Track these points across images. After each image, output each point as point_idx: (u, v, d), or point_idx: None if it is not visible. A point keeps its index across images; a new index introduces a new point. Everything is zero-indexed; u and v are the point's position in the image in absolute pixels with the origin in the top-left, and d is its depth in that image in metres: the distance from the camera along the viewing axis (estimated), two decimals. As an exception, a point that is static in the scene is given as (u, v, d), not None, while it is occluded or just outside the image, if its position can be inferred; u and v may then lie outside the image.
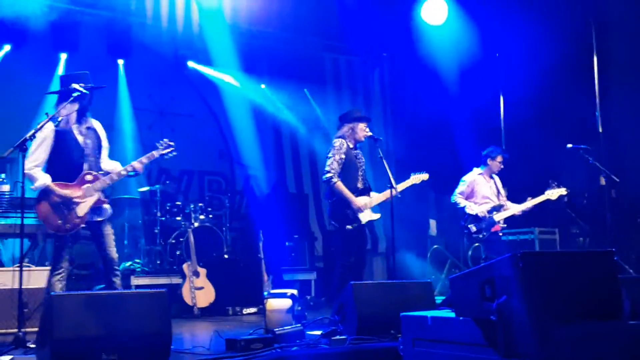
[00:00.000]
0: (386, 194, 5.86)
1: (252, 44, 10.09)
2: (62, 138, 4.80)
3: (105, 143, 5.07)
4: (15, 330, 4.40)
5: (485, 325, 3.50)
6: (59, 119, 4.74)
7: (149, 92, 9.72)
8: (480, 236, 6.82)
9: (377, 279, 9.33)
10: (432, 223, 10.18)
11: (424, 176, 6.17)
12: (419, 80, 9.79)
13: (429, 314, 4.05)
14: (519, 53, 8.81)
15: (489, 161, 7.07)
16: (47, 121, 4.62)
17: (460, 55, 9.16)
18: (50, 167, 4.78)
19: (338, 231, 5.77)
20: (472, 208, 6.91)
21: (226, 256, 8.33)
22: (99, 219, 4.89)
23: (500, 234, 6.97)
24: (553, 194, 6.88)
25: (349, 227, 5.69)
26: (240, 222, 10.01)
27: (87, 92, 4.80)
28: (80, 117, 4.88)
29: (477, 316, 3.60)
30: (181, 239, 7.90)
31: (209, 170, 10.29)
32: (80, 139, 4.86)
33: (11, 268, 5.69)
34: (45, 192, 4.75)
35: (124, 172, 4.96)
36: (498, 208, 6.94)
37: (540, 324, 3.36)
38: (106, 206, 4.95)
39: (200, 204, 8.35)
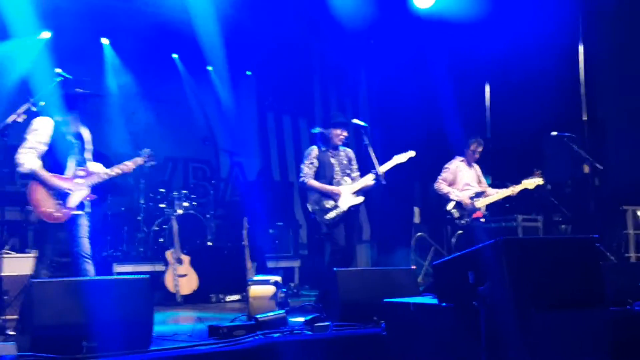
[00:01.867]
0: (368, 178, 5.92)
1: (239, 30, 10.02)
2: (58, 137, 4.89)
3: (89, 146, 5.18)
4: (-5, 317, 4.36)
5: (468, 311, 3.51)
6: (68, 125, 4.86)
7: (133, 78, 9.62)
8: (463, 222, 6.90)
9: (361, 267, 9.36)
10: (416, 211, 10.20)
11: (411, 153, 6.17)
12: (405, 67, 9.77)
13: (412, 300, 4.06)
14: (505, 40, 8.81)
15: (465, 150, 7.20)
16: (27, 107, 4.60)
17: (446, 42, 9.15)
18: (43, 160, 4.87)
19: (321, 223, 5.87)
20: (455, 194, 6.97)
21: (210, 243, 8.31)
22: (79, 212, 4.96)
23: (482, 220, 7.00)
24: (530, 183, 6.96)
25: (328, 216, 5.77)
26: (225, 210, 9.98)
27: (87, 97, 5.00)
28: (76, 120, 5.02)
29: (460, 302, 3.62)
30: (165, 226, 7.86)
31: (194, 157, 10.24)
32: (71, 139, 4.97)
33: (-8, 255, 5.63)
34: (37, 179, 4.80)
35: (112, 173, 5.13)
36: (480, 194, 7.02)
37: (523, 310, 3.38)
38: (87, 201, 5.04)
39: (184, 191, 8.31)
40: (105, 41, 9.14)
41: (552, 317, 3.41)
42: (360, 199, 5.98)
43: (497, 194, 7.05)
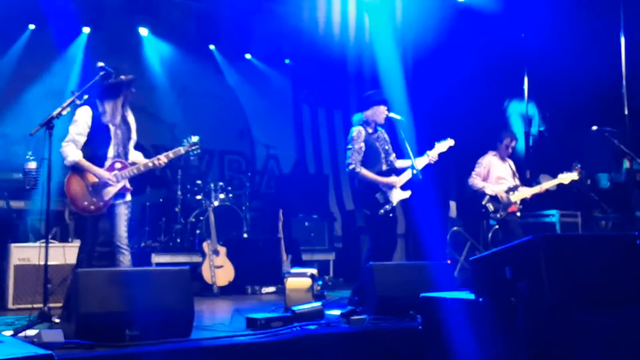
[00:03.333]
0: (408, 173, 5.83)
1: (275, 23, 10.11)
2: (98, 126, 4.94)
3: (134, 135, 5.22)
4: (41, 305, 4.51)
5: (505, 307, 3.52)
6: (103, 111, 4.89)
7: (171, 70, 9.77)
8: (498, 216, 6.87)
9: (397, 261, 9.38)
10: (452, 205, 10.16)
11: (450, 142, 6.08)
12: (443, 60, 9.72)
13: (449, 295, 4.08)
14: (545, 32, 8.71)
15: (498, 144, 7.17)
16: (72, 100, 4.70)
17: (486, 36, 9.08)
18: (84, 150, 4.94)
19: (370, 217, 5.67)
20: (490, 188, 6.97)
21: (246, 235, 8.42)
22: (118, 202, 5.03)
23: (518, 214, 6.96)
24: (565, 178, 6.91)
25: (381, 211, 5.61)
26: (260, 202, 10.09)
27: (128, 82, 4.98)
28: (121, 109, 5.04)
29: (497, 298, 3.63)
30: (201, 218, 8.00)
31: (230, 149, 10.36)
32: (112, 130, 5.00)
33: (36, 244, 5.83)
34: (76, 170, 4.89)
35: (150, 165, 5.13)
36: (514, 188, 6.98)
37: (561, 308, 3.38)
38: (127, 192, 5.11)
39: (220, 183, 8.44)
40: (143, 32, 9.26)
41: (591, 315, 3.41)
42: (408, 192, 5.81)
43: (533, 188, 7.03)
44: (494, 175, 7.09)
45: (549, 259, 3.42)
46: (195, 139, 5.33)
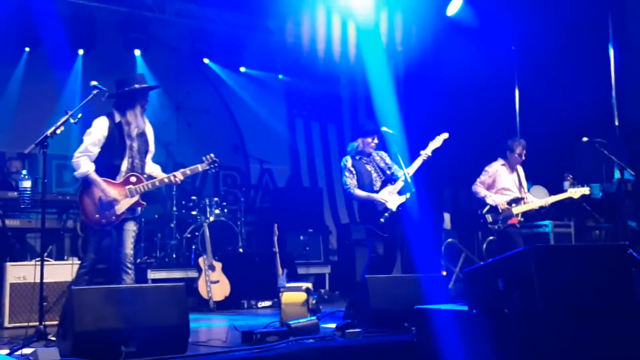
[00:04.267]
0: (400, 184, 5.96)
1: (268, 38, 10.19)
2: (113, 138, 4.90)
3: (152, 147, 5.17)
4: (37, 323, 4.50)
5: (499, 318, 3.55)
6: (126, 120, 4.84)
7: (165, 88, 9.82)
8: (496, 227, 6.70)
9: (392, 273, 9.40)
10: (447, 217, 10.19)
11: (444, 135, 6.09)
12: (434, 73, 9.80)
13: (443, 307, 4.10)
14: (535, 46, 8.79)
15: (508, 153, 6.93)
16: (67, 118, 4.70)
17: (475, 48, 9.16)
18: (97, 162, 4.88)
19: (372, 230, 5.79)
20: (491, 198, 6.77)
21: (241, 250, 8.43)
22: (128, 216, 4.96)
23: (518, 226, 6.78)
24: (575, 192, 6.67)
25: (382, 220, 5.72)
26: (255, 216, 10.11)
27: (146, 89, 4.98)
28: (140, 118, 5.00)
29: (491, 309, 3.65)
30: (197, 233, 8.01)
31: (224, 165, 10.34)
32: (128, 142, 4.95)
33: (32, 262, 5.82)
34: (89, 183, 4.83)
35: (166, 180, 5.07)
36: (517, 200, 6.76)
37: (553, 318, 3.40)
38: (139, 207, 5.02)
39: (215, 199, 8.46)
40: (137, 52, 9.31)
41: (584, 326, 3.43)
42: (406, 195, 5.89)
43: (538, 202, 6.78)
44: (500, 185, 6.86)
45: (541, 270, 3.45)
46: (213, 155, 5.26)
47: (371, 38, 9.98)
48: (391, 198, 5.82)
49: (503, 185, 6.87)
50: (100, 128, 4.87)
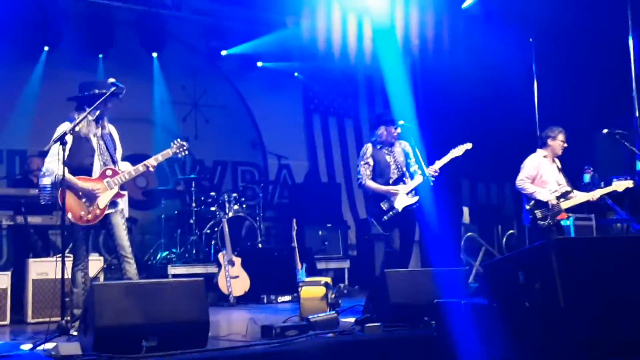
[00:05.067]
0: (417, 179, 5.92)
1: (285, 34, 10.19)
2: (79, 140, 5.00)
3: (119, 147, 5.28)
4: (59, 318, 4.54)
5: (519, 312, 3.51)
6: (78, 124, 4.88)
7: (183, 85, 9.85)
8: (545, 223, 6.34)
9: (411, 267, 9.36)
10: (466, 210, 10.13)
11: (467, 145, 6.03)
12: (450, 66, 9.73)
13: (463, 300, 4.07)
14: (553, 36, 8.68)
15: (549, 142, 6.57)
16: (85, 116, 4.75)
17: (492, 39, 9.07)
18: (66, 164, 4.92)
19: (378, 224, 5.81)
20: (541, 194, 6.39)
21: (260, 245, 8.44)
22: (111, 211, 5.06)
23: (568, 222, 6.58)
24: (620, 185, 6.37)
25: (385, 218, 5.72)
26: (273, 212, 10.12)
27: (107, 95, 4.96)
28: (97, 122, 5.08)
29: (511, 303, 3.62)
30: (216, 229, 8.02)
31: (242, 160, 10.40)
32: (94, 141, 5.06)
33: (53, 258, 5.87)
34: (67, 184, 4.90)
35: (141, 169, 5.15)
36: (565, 195, 6.42)
37: (575, 311, 3.36)
38: (119, 199, 5.13)
39: (234, 194, 8.47)
40: (154, 54, 9.35)
41: (605, 318, 3.38)
42: (415, 198, 5.89)
43: (585, 195, 6.46)
44: (542, 178, 6.51)
45: (562, 263, 3.41)
46: (178, 141, 5.36)
47: (387, 32, 9.95)
48: (400, 197, 5.79)
49: (545, 178, 6.53)
50: (61, 131, 4.88)
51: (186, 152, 5.38)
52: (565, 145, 6.61)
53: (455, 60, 9.49)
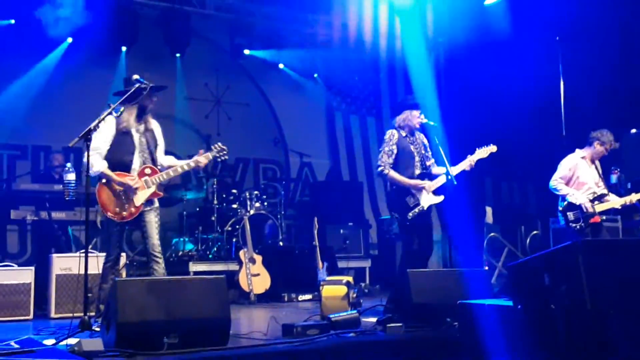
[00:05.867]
0: (442, 179, 5.74)
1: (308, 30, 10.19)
2: (120, 136, 5.01)
3: (160, 141, 5.27)
4: (82, 314, 4.57)
5: (545, 314, 3.46)
6: (120, 116, 4.92)
7: (206, 82, 9.89)
8: (577, 226, 6.18)
9: (433, 267, 9.31)
10: (489, 210, 10.04)
11: (492, 148, 5.86)
12: (476, 64, 9.64)
13: (487, 302, 4.03)
14: (579, 34, 8.55)
15: (596, 144, 6.39)
16: (109, 112, 4.77)
17: (518, 37, 8.98)
18: (107, 159, 4.99)
19: (401, 221, 5.58)
20: (575, 196, 6.22)
21: (281, 243, 8.44)
22: (146, 209, 5.08)
23: (604, 225, 6.32)
24: None
25: (410, 214, 5.49)
26: (295, 210, 10.12)
27: (146, 90, 4.98)
28: (140, 117, 5.09)
29: (536, 305, 3.57)
30: (237, 227, 8.05)
31: (264, 158, 10.42)
32: (136, 137, 5.07)
33: (76, 254, 5.93)
34: (105, 179, 4.96)
35: (180, 170, 5.18)
36: (600, 197, 6.25)
37: (602, 314, 3.30)
38: (156, 198, 5.15)
39: (255, 192, 8.47)
40: (177, 54, 9.39)
41: (632, 322, 3.32)
42: (441, 197, 5.67)
43: (620, 199, 6.31)
44: (578, 180, 6.35)
45: (589, 265, 3.35)
46: (219, 145, 5.36)
47: (411, 30, 9.91)
48: (426, 194, 5.61)
49: (582, 179, 6.36)
50: (107, 126, 4.94)
51: (226, 156, 5.38)
52: (606, 153, 6.44)
53: (479, 58, 9.40)
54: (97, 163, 4.91)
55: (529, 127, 9.50)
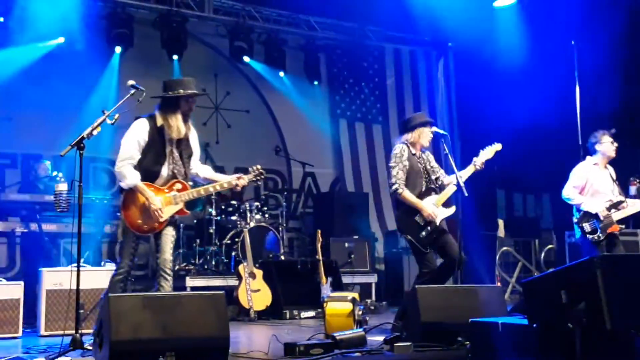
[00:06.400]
0: (450, 190, 5.74)
1: (310, 34, 10.23)
2: (153, 142, 4.88)
3: (195, 150, 5.16)
4: (73, 331, 4.56)
5: (562, 333, 3.44)
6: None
7: (204, 88, 9.90)
8: (595, 237, 6.12)
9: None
10: (501, 223, 10.03)
11: (497, 146, 5.84)
12: (487, 70, 9.65)
13: (500, 320, 4.01)
14: (595, 37, 8.56)
15: (597, 147, 6.38)
16: (104, 119, 4.74)
17: (532, 43, 8.99)
18: (135, 167, 4.86)
19: (413, 243, 5.57)
20: (588, 205, 6.19)
21: (283, 257, 8.42)
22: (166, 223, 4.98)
23: (618, 234, 6.24)
24: None
25: (424, 233, 5.51)
26: (298, 222, 10.11)
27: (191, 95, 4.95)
28: (182, 123, 4.95)
29: (553, 323, 3.55)
30: (237, 240, 8.03)
31: (265, 167, 10.33)
32: (169, 147, 4.93)
33: (68, 268, 5.92)
34: (133, 190, 4.84)
35: (211, 189, 5.12)
36: (617, 205, 6.18)
37: (622, 333, 3.28)
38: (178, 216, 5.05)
39: (256, 203, 8.47)
40: (175, 57, 9.38)
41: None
42: (452, 209, 5.70)
43: (636, 206, 6.25)
44: (592, 187, 6.31)
45: (608, 281, 3.33)
46: (258, 168, 5.35)
47: (420, 33, 9.95)
48: (436, 210, 5.59)
49: (597, 187, 6.32)
50: (140, 131, 4.85)
51: (261, 181, 5.39)
52: (616, 144, 6.39)
53: (491, 62, 9.41)
54: (131, 175, 4.77)
55: (543, 134, 9.50)
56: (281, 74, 10.29)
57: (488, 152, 5.85)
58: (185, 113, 4.98)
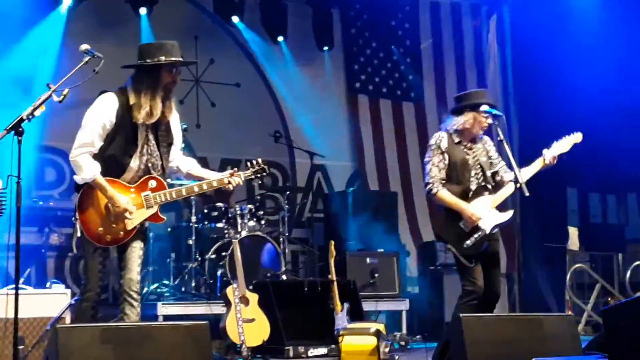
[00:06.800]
0: (509, 188, 5.73)
1: None
2: (122, 126, 4.86)
3: (176, 140, 5.16)
4: (10, 373, 4.59)
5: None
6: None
7: (181, 54, 9.91)
8: None
9: (497, 310, 9.29)
10: (573, 232, 10.03)
11: (577, 137, 5.85)
12: (556, 31, 9.65)
13: (572, 359, 4.02)
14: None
15: None
16: (49, 95, 4.74)
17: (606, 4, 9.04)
18: (97, 158, 4.83)
19: (455, 254, 5.63)
20: None
21: (285, 277, 8.44)
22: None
23: None
24: None
25: (468, 242, 5.54)
26: (304, 231, 10.12)
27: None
28: (165, 104, 4.95)
29: (642, 363, 3.56)
30: (224, 254, 8.06)
31: (261, 158, 10.43)
32: (141, 132, 4.92)
33: (3, 291, 5.95)
34: (92, 187, 4.81)
35: (197, 189, 5.10)
36: None
37: None
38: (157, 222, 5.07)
39: (249, 206, 8.49)
40: (142, 10, 9.38)
41: None
42: (509, 213, 5.74)
43: None
44: None
45: None
46: (261, 161, 5.37)
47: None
48: (487, 213, 5.63)
49: None
50: (106, 110, 4.82)
51: (264, 179, 5.47)
52: None
53: (562, 19, 9.42)
54: (88, 167, 4.75)
55: (629, 118, 9.49)
56: (280, 38, 10.31)
57: (564, 144, 5.86)
58: (167, 87, 4.97)
